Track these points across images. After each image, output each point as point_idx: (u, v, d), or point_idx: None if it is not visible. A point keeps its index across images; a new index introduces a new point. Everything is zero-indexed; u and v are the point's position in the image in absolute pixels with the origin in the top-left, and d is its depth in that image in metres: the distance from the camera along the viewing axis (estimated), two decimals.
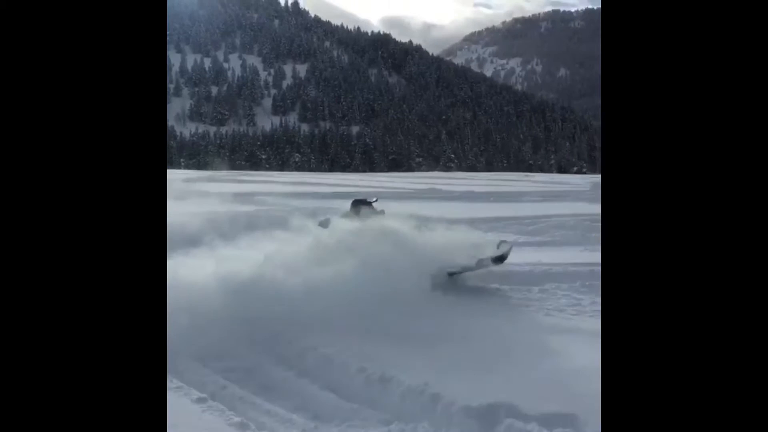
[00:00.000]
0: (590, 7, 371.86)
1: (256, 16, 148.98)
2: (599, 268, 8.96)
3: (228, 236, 8.58)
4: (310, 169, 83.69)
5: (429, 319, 6.06)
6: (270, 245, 7.45)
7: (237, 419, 4.18)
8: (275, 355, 5.53)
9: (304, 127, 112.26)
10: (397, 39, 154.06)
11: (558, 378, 4.58)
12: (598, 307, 7.08)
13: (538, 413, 3.87)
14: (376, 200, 9.14)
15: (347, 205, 9.12)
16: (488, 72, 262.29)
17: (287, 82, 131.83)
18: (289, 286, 6.22)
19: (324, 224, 8.51)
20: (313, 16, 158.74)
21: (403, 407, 4.37)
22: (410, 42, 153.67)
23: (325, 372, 5.10)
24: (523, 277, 8.20)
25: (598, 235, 8.86)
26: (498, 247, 8.13)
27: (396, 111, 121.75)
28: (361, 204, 8.76)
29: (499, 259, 7.82)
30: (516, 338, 5.60)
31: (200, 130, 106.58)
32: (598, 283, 8.05)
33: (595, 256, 9.76)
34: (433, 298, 6.76)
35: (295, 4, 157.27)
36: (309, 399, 4.77)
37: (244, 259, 6.83)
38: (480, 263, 7.68)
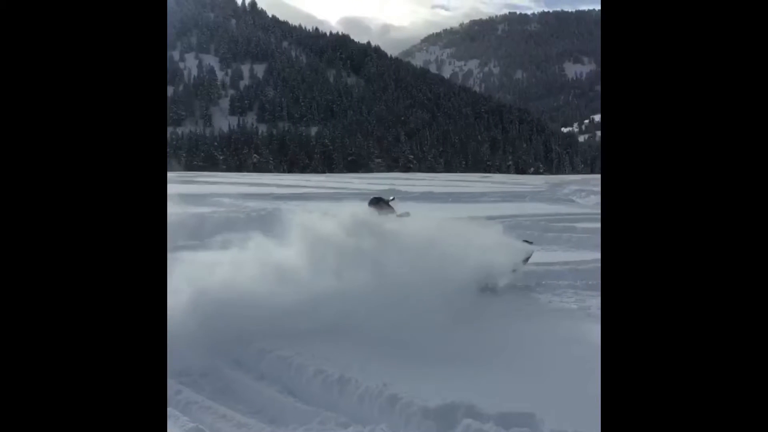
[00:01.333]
0: (546, 9, 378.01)
1: (212, 15, 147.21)
2: (555, 267, 9.06)
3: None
4: (269, 170, 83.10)
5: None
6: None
7: (192, 425, 4.09)
8: (231, 359, 5.45)
9: (262, 128, 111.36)
10: (355, 40, 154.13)
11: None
12: (557, 304, 7.17)
13: (495, 412, 3.88)
14: (393, 199, 9.35)
15: (308, 205, 9.14)
16: (446, 73, 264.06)
17: (245, 82, 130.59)
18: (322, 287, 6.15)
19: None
20: (270, 16, 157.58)
21: (361, 409, 4.34)
22: (369, 43, 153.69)
23: (283, 375, 5.04)
24: None
25: (555, 234, 9.01)
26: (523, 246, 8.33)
27: (355, 112, 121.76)
28: (379, 202, 8.92)
29: (526, 260, 8.08)
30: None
31: None
32: (553, 282, 8.18)
33: (551, 256, 9.89)
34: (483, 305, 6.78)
35: (253, 3, 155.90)
36: (266, 402, 4.71)
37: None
38: (516, 266, 7.85)
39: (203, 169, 74.76)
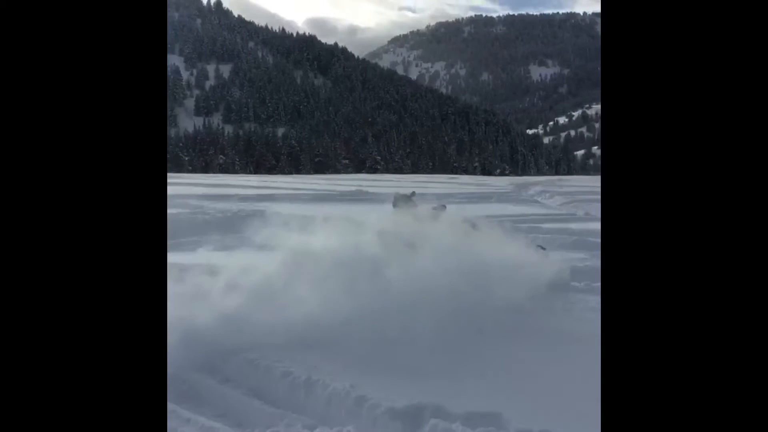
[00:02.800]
0: (511, 12, 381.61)
1: (177, 15, 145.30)
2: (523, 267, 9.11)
3: None
4: (235, 171, 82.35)
5: None
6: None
7: None
8: (196, 362, 5.35)
9: (228, 129, 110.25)
10: (322, 41, 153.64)
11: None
12: None
13: (463, 412, 3.88)
14: (414, 193, 10.10)
15: (275, 207, 9.08)
16: (413, 75, 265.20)
17: (210, 82, 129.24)
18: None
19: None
20: (236, 15, 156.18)
21: (328, 411, 4.31)
22: (336, 44, 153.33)
23: (249, 377, 4.98)
24: None
25: (520, 235, 8.99)
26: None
27: (322, 113, 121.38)
28: (403, 198, 9.58)
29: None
30: None
31: None
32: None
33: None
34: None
35: (218, 3, 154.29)
36: (231, 405, 4.64)
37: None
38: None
39: (168, 170, 73.74)
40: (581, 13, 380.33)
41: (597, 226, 13.26)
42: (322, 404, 4.39)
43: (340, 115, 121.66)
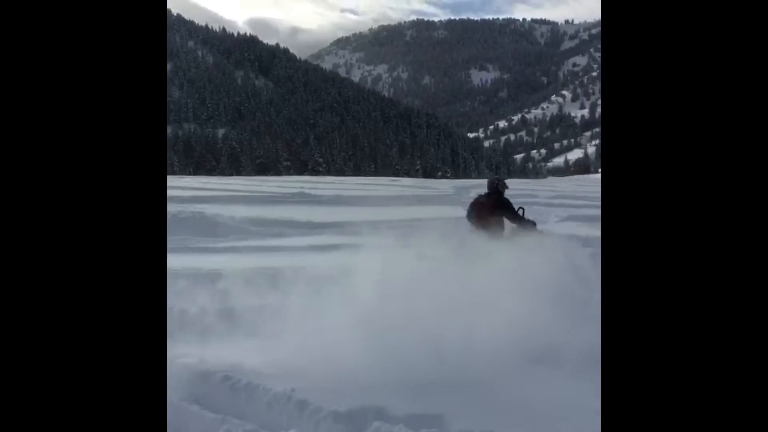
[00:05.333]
0: (452, 17, 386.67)
1: None
2: None
3: None
4: (173, 173, 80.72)
5: None
6: None
7: None
8: None
9: (168, 129, 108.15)
10: (264, 41, 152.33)
11: None
12: None
13: (405, 414, 3.88)
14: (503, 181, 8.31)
15: (215, 208, 8.83)
16: (356, 77, 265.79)
17: None
18: None
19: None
20: (175, 14, 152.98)
21: (269, 415, 4.25)
22: (277, 45, 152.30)
23: (187, 382, 4.86)
24: None
25: (462, 236, 8.89)
26: None
27: (263, 114, 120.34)
28: (497, 182, 8.05)
29: None
30: None
31: None
32: None
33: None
34: None
35: None
36: (169, 411, 4.53)
37: None
38: None
39: None
40: (520, 19, 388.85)
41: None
42: (263, 408, 4.33)
43: (282, 116, 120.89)
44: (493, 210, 7.67)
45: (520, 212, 7.73)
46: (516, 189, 30.24)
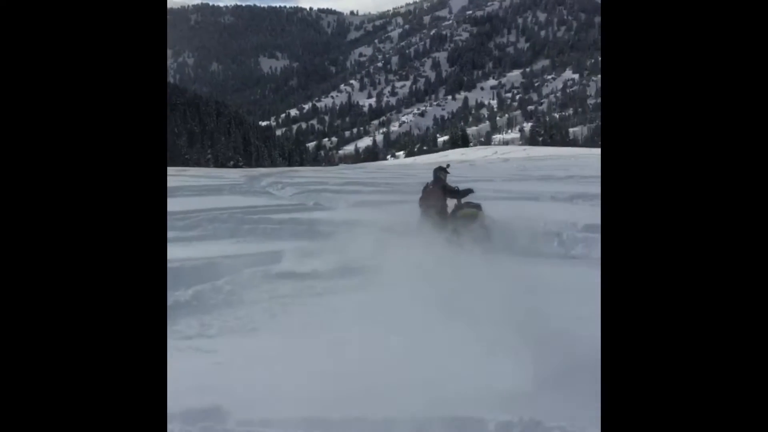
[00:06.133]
0: (239, 3, 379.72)
1: None
2: (252, 257, 9.01)
3: None
4: None
5: None
6: None
7: None
8: None
9: None
10: None
11: None
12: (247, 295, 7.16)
13: (180, 410, 3.74)
14: (449, 165, 10.50)
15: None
16: None
17: None
18: None
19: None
20: None
21: None
22: None
23: None
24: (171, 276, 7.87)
25: (250, 226, 8.88)
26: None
27: None
28: (440, 171, 9.91)
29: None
30: None
31: None
32: (250, 270, 8.16)
33: (246, 248, 9.91)
34: None
35: None
36: None
37: None
38: None
39: None
40: (308, 9, 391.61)
41: (325, 215, 13.76)
42: None
43: None
44: (440, 194, 9.57)
45: (469, 196, 9.81)
46: (306, 177, 30.64)
